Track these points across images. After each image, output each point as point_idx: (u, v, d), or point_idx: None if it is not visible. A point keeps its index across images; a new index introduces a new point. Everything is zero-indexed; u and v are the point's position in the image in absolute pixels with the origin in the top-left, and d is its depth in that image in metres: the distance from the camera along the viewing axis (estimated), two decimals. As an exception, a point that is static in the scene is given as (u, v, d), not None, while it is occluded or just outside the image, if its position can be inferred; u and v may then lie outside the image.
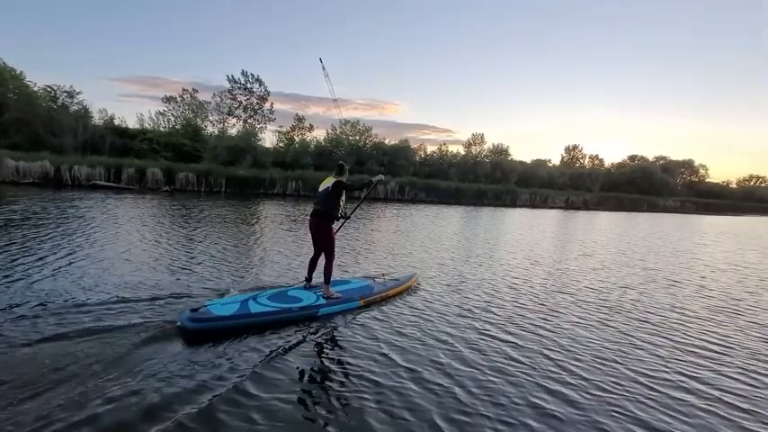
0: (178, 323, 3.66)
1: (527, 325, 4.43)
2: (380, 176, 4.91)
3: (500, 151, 50.22)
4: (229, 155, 30.03)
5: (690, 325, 4.80)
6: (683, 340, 4.25)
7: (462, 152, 50.47)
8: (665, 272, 8.25)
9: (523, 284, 6.33)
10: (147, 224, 9.97)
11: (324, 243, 4.71)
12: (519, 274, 7.13)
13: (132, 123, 37.19)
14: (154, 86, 69.57)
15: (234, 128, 38.63)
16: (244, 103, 39.66)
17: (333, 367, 3.26)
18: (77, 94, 31.65)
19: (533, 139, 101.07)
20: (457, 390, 2.94)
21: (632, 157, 63.60)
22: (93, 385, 2.71)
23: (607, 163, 61.50)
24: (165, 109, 37.27)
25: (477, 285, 6.09)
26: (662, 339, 4.23)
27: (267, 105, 40.75)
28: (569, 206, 41.71)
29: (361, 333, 3.97)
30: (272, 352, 3.40)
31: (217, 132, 37.06)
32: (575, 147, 60.29)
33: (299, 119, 45.37)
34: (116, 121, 35.79)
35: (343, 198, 4.76)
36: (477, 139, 51.14)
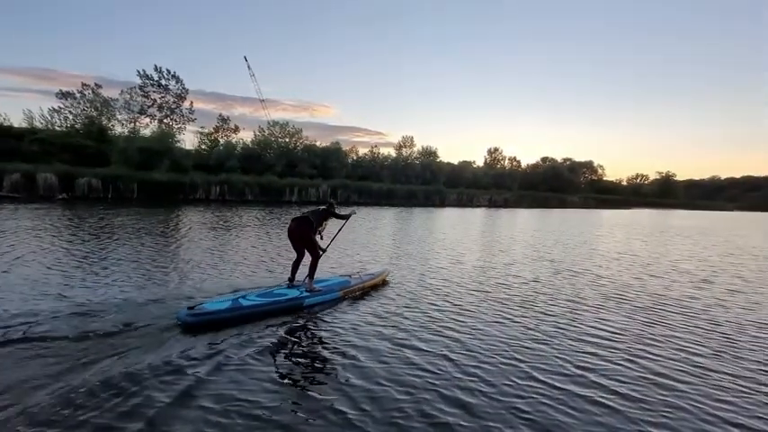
0: (177, 321, 4.06)
1: (438, 327, 4.53)
2: (354, 210, 6.13)
3: (429, 153, 52.22)
4: (142, 157, 27.26)
5: (585, 314, 5.29)
6: (580, 331, 4.61)
7: (394, 154, 51.61)
8: (567, 263, 9.19)
9: (442, 285, 6.57)
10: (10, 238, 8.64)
11: (307, 245, 5.37)
12: (441, 274, 7.41)
13: (18, 122, 32.16)
14: (45, 79, 61.14)
15: (147, 128, 35.27)
16: (158, 101, 36.37)
17: (319, 350, 3.78)
18: (-61, 85, 26.51)
19: (460, 140, 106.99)
20: (351, 406, 2.96)
21: (544, 159, 70.26)
22: (100, 378, 2.98)
23: (524, 164, 67.16)
24: (61, 105, 32.80)
25: (400, 287, 6.19)
26: (561, 332, 4.56)
27: (186, 104, 37.86)
28: (492, 204, 44.75)
29: (341, 319, 4.64)
30: (265, 339, 3.89)
31: (127, 133, 33.48)
32: (496, 149, 64.93)
33: (224, 119, 42.95)
34: (-5, 119, 30.65)
35: (326, 223, 5.66)
36: (408, 142, 52.69)
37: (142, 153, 27.39)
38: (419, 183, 45.02)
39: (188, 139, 39.61)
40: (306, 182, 33.87)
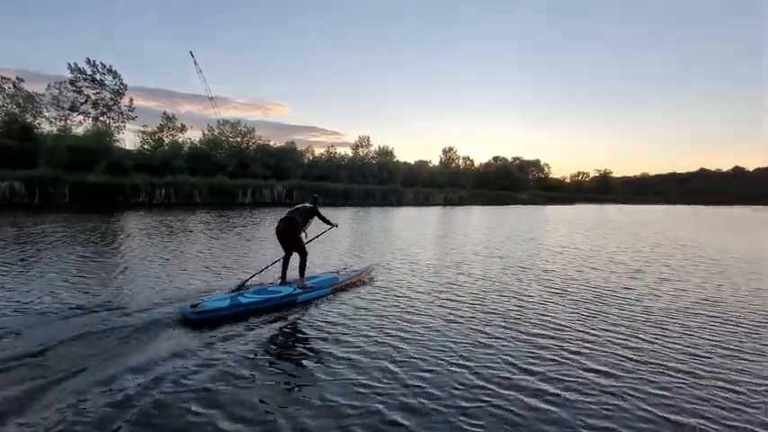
0: (180, 318, 4.41)
1: (381, 333, 4.41)
2: (336, 224, 6.48)
3: (386, 153, 52.47)
4: (74, 157, 24.85)
5: (531, 312, 5.35)
6: (525, 330, 4.60)
7: (350, 154, 51.31)
8: (515, 259, 9.49)
9: (395, 286, 6.50)
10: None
11: (296, 244, 5.66)
12: (392, 276, 7.33)
13: None
14: (-43, 70, 53.89)
15: (81, 126, 32.34)
16: (93, 97, 33.49)
17: (312, 343, 4.07)
18: None
19: (416, 139, 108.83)
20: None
21: (496, 158, 73.21)
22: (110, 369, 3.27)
23: (477, 163, 69.53)
24: (-25, 101, 29.19)
25: (373, 284, 6.07)
26: (507, 332, 4.54)
27: (125, 101, 35.21)
28: (448, 203, 45.77)
29: (332, 313, 5.01)
30: (262, 333, 4.25)
31: (56, 131, 30.47)
32: (450, 149, 66.61)
33: (169, 117, 40.45)
34: None
35: (311, 222, 5.98)
36: (364, 142, 52.63)
37: (74, 152, 24.97)
38: (376, 182, 45.06)
39: (128, 139, 36.83)
40: (260, 182, 32.69)
